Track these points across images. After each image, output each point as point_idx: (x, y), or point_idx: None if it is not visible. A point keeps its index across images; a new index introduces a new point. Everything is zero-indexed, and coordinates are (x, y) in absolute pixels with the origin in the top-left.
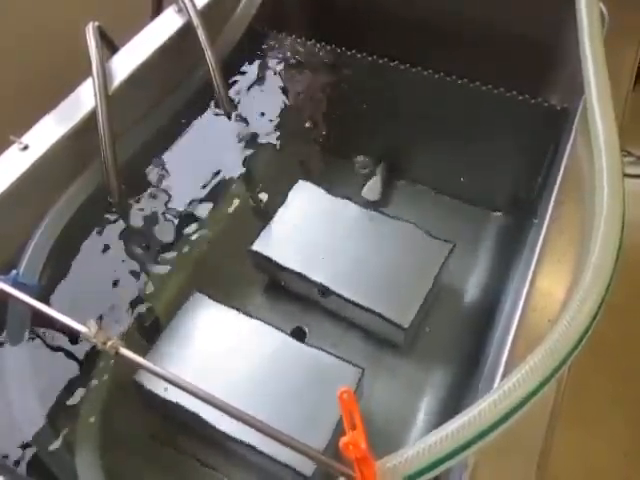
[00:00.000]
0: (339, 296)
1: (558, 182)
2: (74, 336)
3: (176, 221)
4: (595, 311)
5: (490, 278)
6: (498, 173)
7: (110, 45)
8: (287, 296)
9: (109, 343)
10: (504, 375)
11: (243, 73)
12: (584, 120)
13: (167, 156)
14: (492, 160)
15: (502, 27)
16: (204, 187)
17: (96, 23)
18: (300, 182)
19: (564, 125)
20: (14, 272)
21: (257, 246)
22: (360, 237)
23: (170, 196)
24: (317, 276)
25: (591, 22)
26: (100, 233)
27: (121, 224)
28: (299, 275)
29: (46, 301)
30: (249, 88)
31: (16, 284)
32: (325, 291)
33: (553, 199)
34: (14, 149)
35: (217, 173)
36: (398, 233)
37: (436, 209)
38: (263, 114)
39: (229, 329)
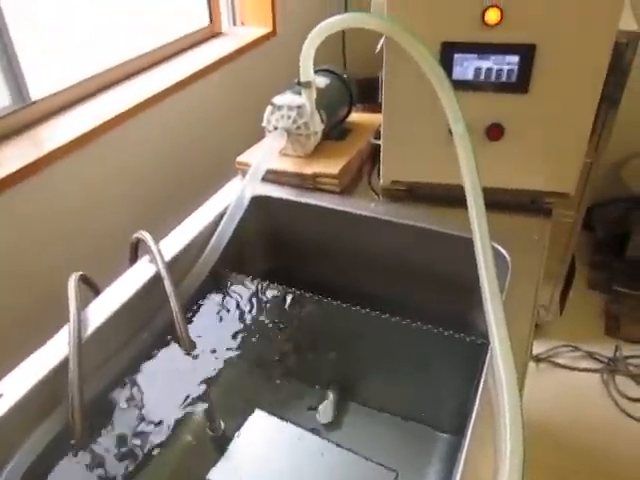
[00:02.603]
0: None
1: (475, 407)
2: None
3: (136, 454)
4: None
5: None
6: (439, 396)
7: (94, 288)
8: None
9: None
10: None
11: (204, 309)
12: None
13: (130, 392)
14: (431, 385)
15: (435, 275)
16: (162, 420)
17: (79, 273)
18: (257, 411)
19: (484, 357)
20: None
21: (213, 475)
22: (311, 465)
23: (131, 429)
24: None
25: (490, 280)
26: (62, 472)
27: (83, 460)
28: None
29: None
30: (209, 323)
31: None
32: None
33: (472, 421)
34: None
35: (177, 404)
36: (346, 461)
37: (384, 429)
38: (221, 346)
39: None
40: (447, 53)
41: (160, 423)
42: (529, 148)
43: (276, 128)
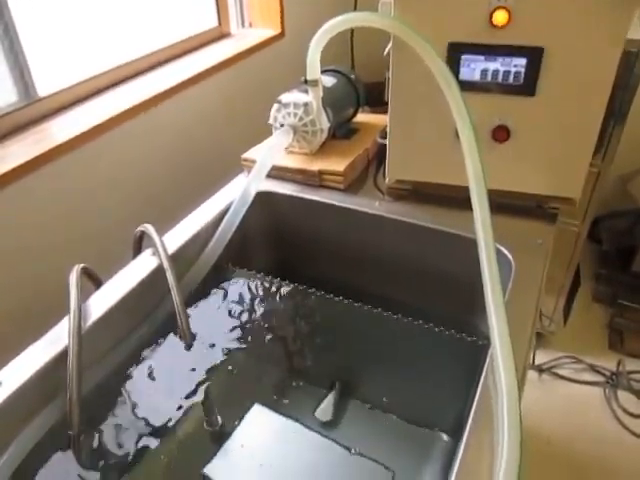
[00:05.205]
0: None
1: (474, 408)
2: None
3: (132, 446)
4: None
5: None
6: (438, 397)
7: (96, 281)
8: None
9: None
10: None
11: (206, 302)
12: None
13: (129, 384)
14: (433, 385)
15: (438, 274)
16: (160, 413)
17: (81, 265)
18: (256, 406)
19: (485, 358)
20: None
21: (209, 470)
22: (308, 461)
23: (128, 422)
24: None
25: (493, 281)
26: (59, 463)
27: (80, 453)
28: None
29: None
30: (210, 316)
31: None
32: None
33: (469, 423)
34: None
35: (175, 397)
36: (344, 459)
37: (383, 428)
38: (222, 340)
39: None
40: (454, 54)
41: (158, 416)
42: (535, 151)
43: (282, 125)
